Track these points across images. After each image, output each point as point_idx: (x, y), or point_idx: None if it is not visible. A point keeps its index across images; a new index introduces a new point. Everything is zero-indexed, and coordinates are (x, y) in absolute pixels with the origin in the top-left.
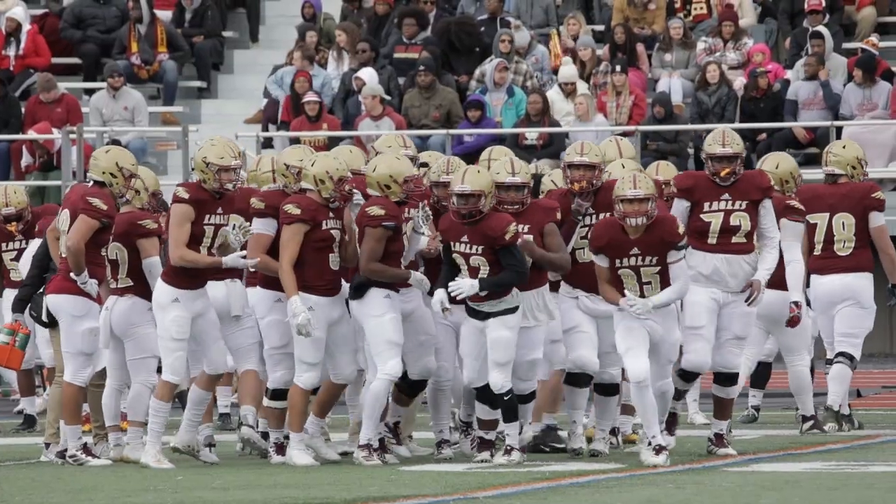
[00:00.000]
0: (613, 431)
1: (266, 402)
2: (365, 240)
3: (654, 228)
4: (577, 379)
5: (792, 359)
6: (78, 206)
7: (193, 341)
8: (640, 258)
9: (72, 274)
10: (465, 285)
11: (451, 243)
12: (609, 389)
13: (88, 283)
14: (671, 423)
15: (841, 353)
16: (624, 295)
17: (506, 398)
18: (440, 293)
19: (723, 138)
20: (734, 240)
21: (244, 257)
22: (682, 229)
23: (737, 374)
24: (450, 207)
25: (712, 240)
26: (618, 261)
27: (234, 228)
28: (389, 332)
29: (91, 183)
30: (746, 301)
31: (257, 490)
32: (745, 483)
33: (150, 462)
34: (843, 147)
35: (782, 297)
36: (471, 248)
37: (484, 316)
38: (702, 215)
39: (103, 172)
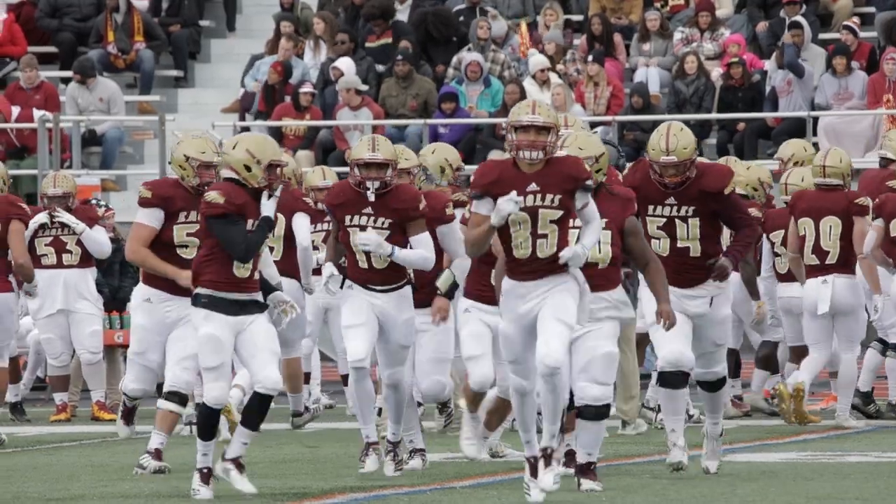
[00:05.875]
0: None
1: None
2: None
3: (555, 164)
4: (672, 379)
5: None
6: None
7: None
8: (538, 196)
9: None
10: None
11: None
12: (716, 385)
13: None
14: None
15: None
16: (509, 250)
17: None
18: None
19: None
20: None
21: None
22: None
23: None
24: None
25: None
26: None
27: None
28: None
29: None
30: None
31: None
32: (721, 473)
33: None
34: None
35: None
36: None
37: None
38: None
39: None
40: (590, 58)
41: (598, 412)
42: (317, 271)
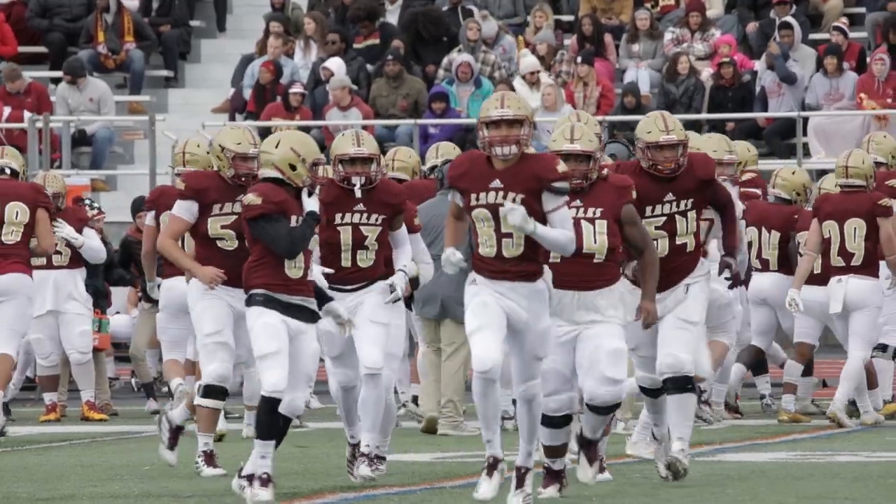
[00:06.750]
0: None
1: None
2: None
3: (528, 161)
4: (651, 393)
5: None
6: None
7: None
8: (500, 193)
9: None
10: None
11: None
12: (682, 388)
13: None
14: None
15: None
16: (477, 246)
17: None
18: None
19: None
20: None
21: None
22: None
23: None
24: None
25: None
26: (473, 196)
27: None
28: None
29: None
30: None
31: (225, 480)
32: (712, 472)
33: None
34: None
35: None
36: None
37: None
38: None
39: None
40: (579, 59)
41: (608, 409)
42: None
